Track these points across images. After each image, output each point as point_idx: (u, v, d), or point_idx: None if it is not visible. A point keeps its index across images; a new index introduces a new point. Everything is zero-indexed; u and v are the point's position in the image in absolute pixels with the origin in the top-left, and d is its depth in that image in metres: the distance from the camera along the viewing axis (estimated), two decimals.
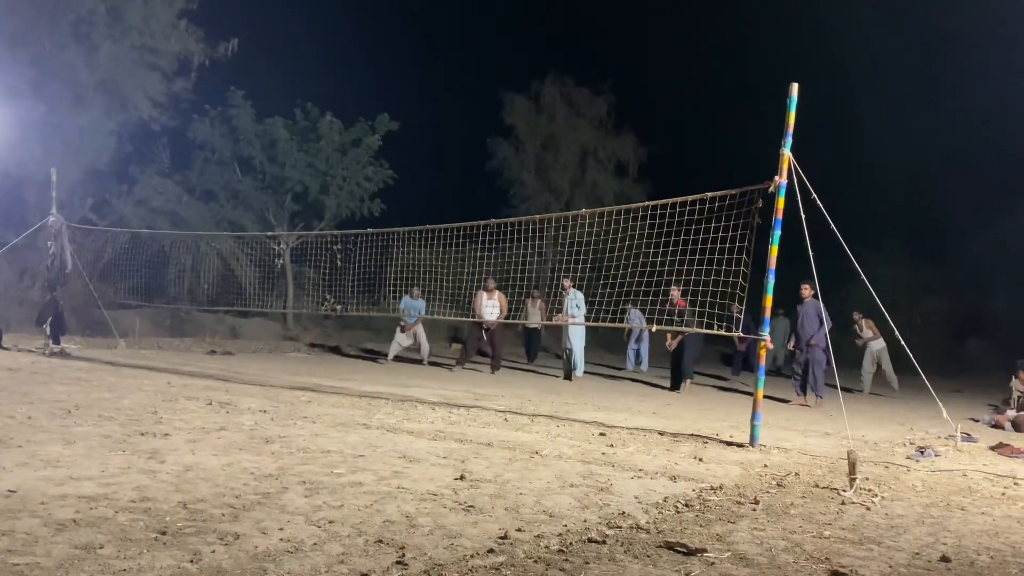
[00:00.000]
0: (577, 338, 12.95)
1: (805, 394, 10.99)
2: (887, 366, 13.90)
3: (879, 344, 13.85)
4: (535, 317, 15.03)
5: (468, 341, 14.03)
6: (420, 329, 14.36)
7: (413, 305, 14.01)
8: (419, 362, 14.26)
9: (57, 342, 11.79)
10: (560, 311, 12.84)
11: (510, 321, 14.09)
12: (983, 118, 23.37)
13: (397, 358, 14.44)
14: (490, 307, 13.18)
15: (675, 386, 12.21)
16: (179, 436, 5.42)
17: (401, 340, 14.39)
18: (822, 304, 8.67)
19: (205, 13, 16.96)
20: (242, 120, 19.42)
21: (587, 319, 12.10)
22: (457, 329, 20.08)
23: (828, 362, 11.04)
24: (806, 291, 10.61)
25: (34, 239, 13.56)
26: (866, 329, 14.07)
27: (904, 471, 5.90)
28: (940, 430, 8.43)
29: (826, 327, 9.56)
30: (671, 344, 12.19)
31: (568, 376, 12.98)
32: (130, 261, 15.19)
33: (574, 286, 12.29)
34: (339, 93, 21.48)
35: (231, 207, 20.04)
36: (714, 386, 13.33)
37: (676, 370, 12.38)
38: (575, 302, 12.40)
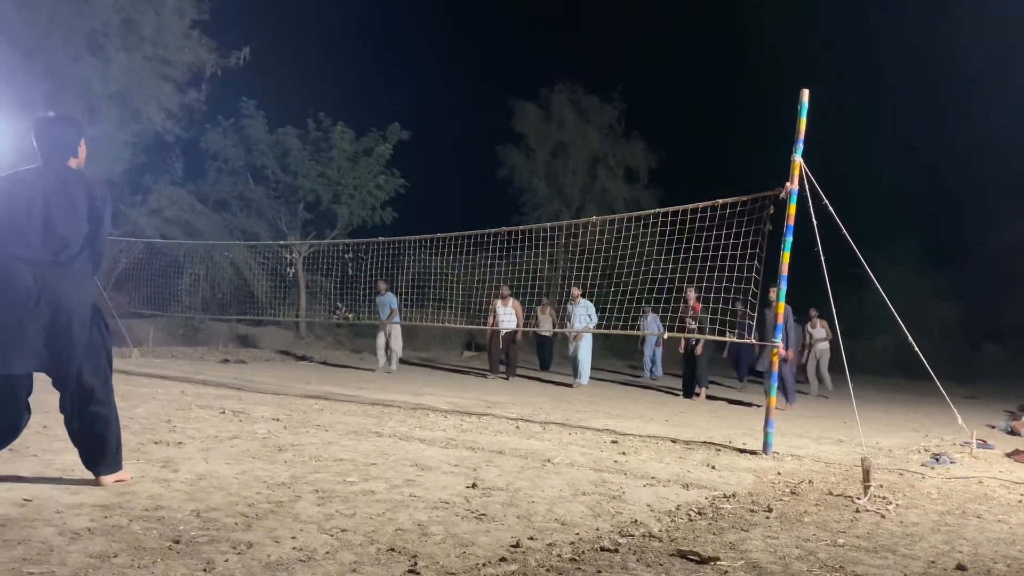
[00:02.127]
0: (586, 347, 12.92)
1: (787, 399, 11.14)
2: (824, 369, 13.95)
3: (825, 345, 13.84)
4: (547, 325, 15.04)
5: (491, 351, 14.04)
6: (396, 331, 13.88)
7: (383, 302, 13.69)
8: (432, 368, 14.23)
9: None
10: (567, 320, 12.84)
11: (525, 329, 14.09)
12: (997, 121, 23.24)
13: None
14: (506, 315, 13.18)
15: (688, 394, 12.17)
16: (192, 445, 5.45)
17: (382, 344, 13.94)
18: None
19: (217, 24, 17.11)
20: (254, 130, 19.55)
21: (599, 326, 12.11)
22: (472, 336, 20.09)
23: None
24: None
25: None
26: (819, 328, 14.03)
27: (919, 478, 5.86)
28: (955, 437, 8.37)
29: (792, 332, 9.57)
30: (698, 349, 12.04)
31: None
32: (144, 270, 15.29)
33: (583, 295, 12.29)
34: (350, 103, 21.62)
35: (244, 216, 20.17)
36: (710, 395, 13.25)
37: (689, 377, 12.34)
38: (587, 311, 12.39)
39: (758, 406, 11.23)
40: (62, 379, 3.93)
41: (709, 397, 12.14)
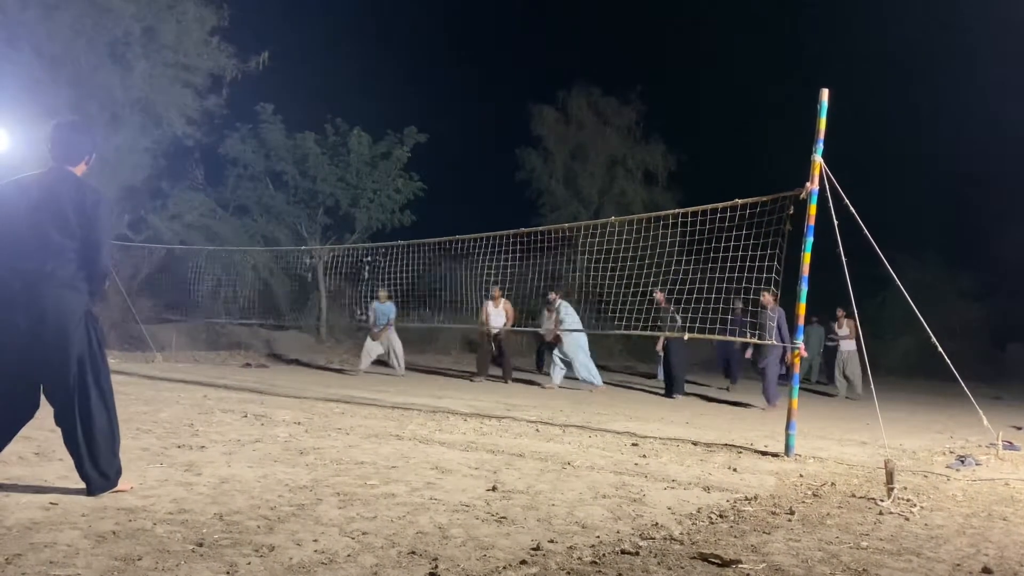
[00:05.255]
0: (574, 348, 12.68)
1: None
2: (852, 371, 13.81)
3: (851, 346, 13.71)
4: (548, 327, 14.89)
5: (479, 353, 13.85)
6: (394, 336, 13.74)
7: (382, 310, 13.56)
8: (448, 373, 14.17)
9: None
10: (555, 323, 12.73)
11: (528, 329, 13.97)
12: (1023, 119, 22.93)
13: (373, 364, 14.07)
14: (496, 316, 13.06)
15: (668, 392, 12.29)
16: (215, 449, 5.49)
17: (371, 349, 13.78)
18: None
19: (236, 29, 17.26)
20: (273, 135, 19.69)
21: (619, 328, 12.01)
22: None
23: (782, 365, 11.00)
24: (767, 298, 9.77)
25: None
26: (845, 328, 13.90)
27: (944, 480, 5.79)
28: (981, 438, 8.27)
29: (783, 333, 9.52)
30: (659, 347, 12.57)
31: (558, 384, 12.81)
32: (166, 276, 15.44)
33: (564, 296, 12.27)
34: (368, 106, 21.72)
35: (264, 221, 20.31)
36: (698, 394, 13.15)
37: (668, 376, 12.50)
38: (562, 312, 12.34)
39: (747, 405, 11.25)
40: (57, 389, 3.83)
41: (689, 395, 12.22)
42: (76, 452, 3.89)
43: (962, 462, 6.55)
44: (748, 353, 13.38)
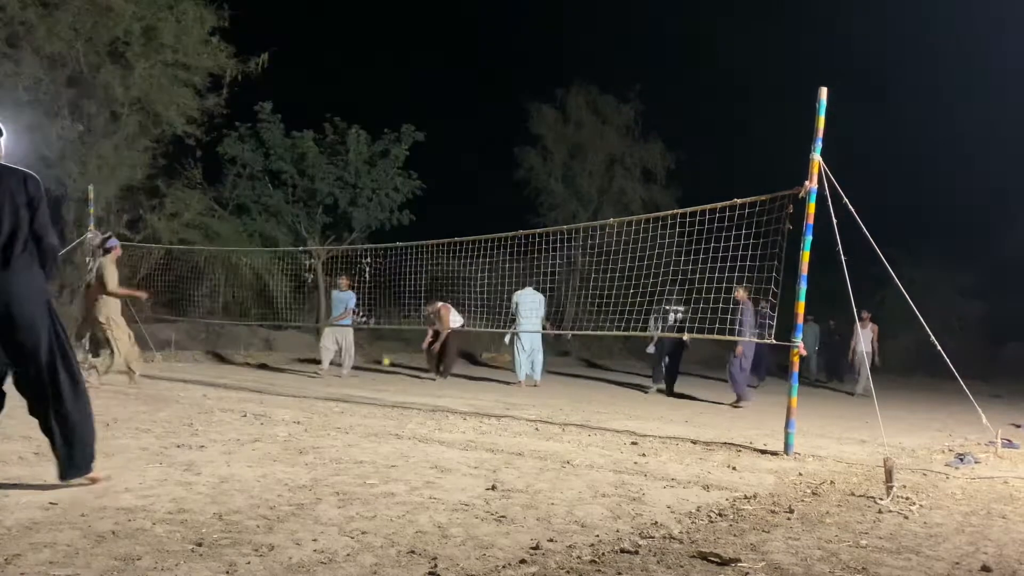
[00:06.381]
0: (526, 339, 12.78)
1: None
2: (864, 370, 14.02)
3: (866, 347, 13.89)
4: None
5: (449, 352, 13.68)
6: (348, 332, 13.26)
7: (340, 298, 13.23)
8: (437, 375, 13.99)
9: (96, 356, 11.99)
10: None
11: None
12: (1022, 117, 22.93)
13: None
14: (454, 317, 12.99)
15: (668, 390, 12.47)
16: (214, 448, 5.49)
17: (328, 344, 13.18)
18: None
19: (236, 29, 17.24)
20: (271, 134, 19.67)
21: (617, 328, 12.01)
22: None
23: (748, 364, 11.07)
24: (740, 294, 9.73)
25: (72, 255, 13.85)
26: (868, 330, 14.05)
27: (943, 478, 5.80)
28: (980, 436, 8.27)
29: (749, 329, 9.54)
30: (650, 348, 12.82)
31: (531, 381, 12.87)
32: (165, 276, 15.43)
33: (533, 287, 12.34)
34: (367, 105, 21.71)
35: (263, 220, 20.29)
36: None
37: (658, 367, 12.72)
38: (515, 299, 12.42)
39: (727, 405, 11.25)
40: (30, 375, 3.89)
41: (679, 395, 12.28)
42: (51, 438, 3.96)
43: (961, 460, 6.56)
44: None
